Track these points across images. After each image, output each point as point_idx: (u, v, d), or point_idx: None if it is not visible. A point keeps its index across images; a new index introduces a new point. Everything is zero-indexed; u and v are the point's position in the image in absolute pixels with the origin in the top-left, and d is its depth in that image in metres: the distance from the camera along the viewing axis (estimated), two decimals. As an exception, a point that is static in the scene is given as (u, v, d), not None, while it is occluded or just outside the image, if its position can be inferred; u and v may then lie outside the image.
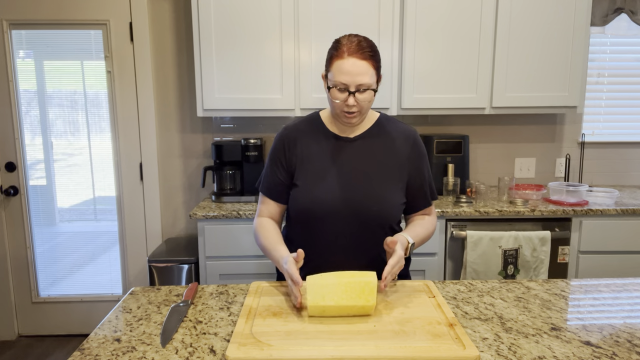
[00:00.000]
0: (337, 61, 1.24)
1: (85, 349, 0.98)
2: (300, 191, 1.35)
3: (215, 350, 0.97)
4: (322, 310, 1.06)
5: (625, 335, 1.03)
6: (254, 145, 2.48)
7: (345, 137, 1.37)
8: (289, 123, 1.44)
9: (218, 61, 2.40)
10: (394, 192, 1.34)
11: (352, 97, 1.24)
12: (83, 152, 2.77)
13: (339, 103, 1.27)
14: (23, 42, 2.65)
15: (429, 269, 2.32)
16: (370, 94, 1.26)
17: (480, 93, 2.47)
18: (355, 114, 1.29)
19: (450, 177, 2.54)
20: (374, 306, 1.07)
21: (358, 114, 1.29)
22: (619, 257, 2.35)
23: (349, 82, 1.23)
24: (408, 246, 1.27)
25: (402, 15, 2.41)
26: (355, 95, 1.24)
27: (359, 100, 1.25)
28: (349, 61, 1.22)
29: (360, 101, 1.25)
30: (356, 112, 1.28)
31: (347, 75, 1.22)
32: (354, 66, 1.22)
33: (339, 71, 1.23)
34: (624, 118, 2.94)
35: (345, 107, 1.27)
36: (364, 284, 1.06)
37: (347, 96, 1.25)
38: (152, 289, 1.30)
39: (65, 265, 2.87)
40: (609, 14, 2.71)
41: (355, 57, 1.22)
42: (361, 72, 1.22)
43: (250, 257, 2.32)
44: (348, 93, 1.24)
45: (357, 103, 1.26)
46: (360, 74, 1.22)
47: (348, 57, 1.22)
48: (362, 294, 1.05)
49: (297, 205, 1.35)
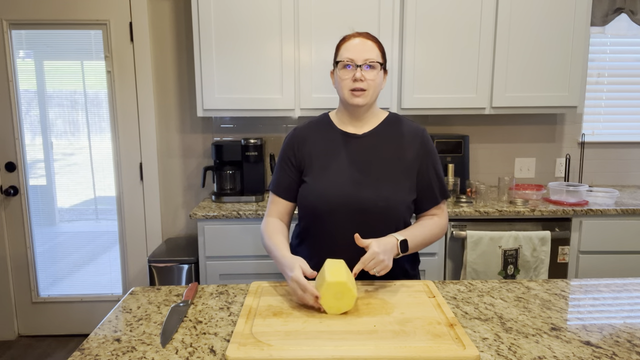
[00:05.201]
0: (344, 44, 1.34)
1: (85, 349, 0.98)
2: (308, 187, 1.36)
3: (215, 350, 0.97)
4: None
5: (625, 335, 1.03)
6: (254, 145, 2.48)
7: (353, 134, 1.38)
8: (299, 124, 1.48)
9: (218, 61, 2.40)
10: (401, 189, 1.34)
11: (359, 70, 1.29)
12: (83, 152, 2.77)
13: (347, 81, 1.31)
14: (23, 42, 2.65)
15: (429, 269, 2.32)
16: (377, 73, 1.32)
17: (480, 93, 2.47)
18: (363, 92, 1.31)
19: (450, 177, 2.54)
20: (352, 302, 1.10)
21: (365, 93, 1.32)
22: (619, 257, 2.35)
23: (355, 57, 1.30)
24: (397, 243, 1.24)
25: (402, 15, 2.41)
26: (363, 70, 1.30)
27: (366, 77, 1.30)
28: (355, 39, 1.33)
29: (367, 78, 1.30)
30: (364, 90, 1.31)
31: (353, 50, 1.31)
32: (361, 43, 1.32)
33: (346, 50, 1.33)
34: (624, 118, 2.94)
35: (353, 84, 1.31)
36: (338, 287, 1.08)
37: (355, 70, 1.30)
38: (152, 289, 1.30)
39: (65, 265, 2.87)
40: (609, 14, 2.71)
41: (360, 37, 1.33)
42: (367, 49, 1.31)
43: (250, 257, 2.32)
44: (355, 67, 1.30)
45: (365, 79, 1.30)
46: (366, 50, 1.31)
47: (353, 38, 1.33)
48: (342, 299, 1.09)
49: (305, 201, 1.36)
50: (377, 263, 1.18)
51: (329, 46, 2.39)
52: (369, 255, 1.17)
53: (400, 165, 1.35)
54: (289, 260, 1.21)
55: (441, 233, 1.42)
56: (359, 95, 1.31)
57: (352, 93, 1.31)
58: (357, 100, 1.32)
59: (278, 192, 1.42)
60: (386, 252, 1.20)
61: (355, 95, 1.31)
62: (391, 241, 1.24)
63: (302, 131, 1.43)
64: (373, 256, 1.17)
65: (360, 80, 1.29)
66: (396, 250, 1.24)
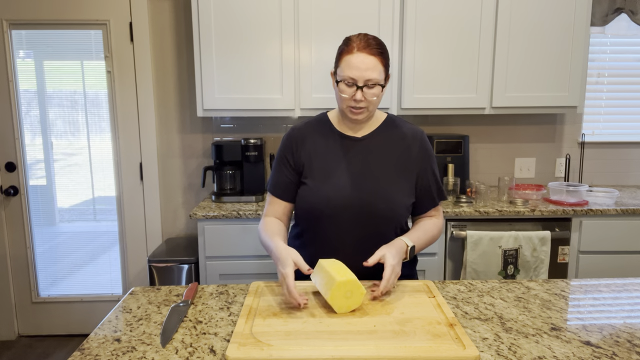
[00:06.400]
0: (347, 56, 1.27)
1: (85, 349, 0.98)
2: (308, 189, 1.35)
3: (215, 350, 0.97)
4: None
5: (625, 335, 1.03)
6: (254, 145, 2.48)
7: (352, 137, 1.38)
8: (297, 124, 1.45)
9: (218, 61, 2.40)
10: (400, 191, 1.34)
11: (359, 91, 1.26)
12: (83, 152, 2.77)
13: (347, 98, 1.29)
14: (23, 42, 2.65)
15: (429, 269, 2.32)
16: (378, 90, 1.28)
17: (480, 93, 2.47)
18: (362, 109, 1.30)
19: (450, 177, 2.54)
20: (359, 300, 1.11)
21: (365, 110, 1.30)
22: (619, 257, 2.35)
23: (357, 77, 1.25)
24: (407, 249, 1.27)
25: (402, 15, 2.41)
26: (363, 91, 1.26)
27: (367, 95, 1.27)
28: (358, 56, 1.25)
29: (368, 97, 1.27)
30: (363, 108, 1.29)
31: (355, 69, 1.25)
32: (363, 61, 1.24)
33: (348, 66, 1.26)
34: (624, 118, 2.94)
35: (353, 102, 1.28)
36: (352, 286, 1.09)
37: (355, 91, 1.26)
38: (152, 289, 1.30)
39: (65, 265, 2.87)
40: (609, 14, 2.71)
41: (364, 53, 1.25)
42: (369, 68, 1.25)
43: (250, 257, 2.32)
44: (356, 88, 1.26)
45: (365, 98, 1.27)
46: (369, 69, 1.24)
47: (357, 52, 1.25)
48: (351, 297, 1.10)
49: (304, 203, 1.36)
50: (397, 275, 1.19)
51: (329, 46, 2.40)
52: (390, 271, 1.17)
53: (400, 168, 1.35)
54: (283, 254, 1.18)
55: (439, 234, 1.44)
56: (358, 112, 1.30)
57: (352, 110, 1.30)
58: (356, 117, 1.31)
59: (276, 193, 1.41)
60: (400, 262, 1.22)
61: (355, 113, 1.30)
62: (402, 247, 1.26)
63: (301, 131, 1.41)
64: (392, 270, 1.18)
65: (360, 101, 1.27)
66: (405, 255, 1.27)
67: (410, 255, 1.28)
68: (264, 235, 1.35)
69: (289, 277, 1.12)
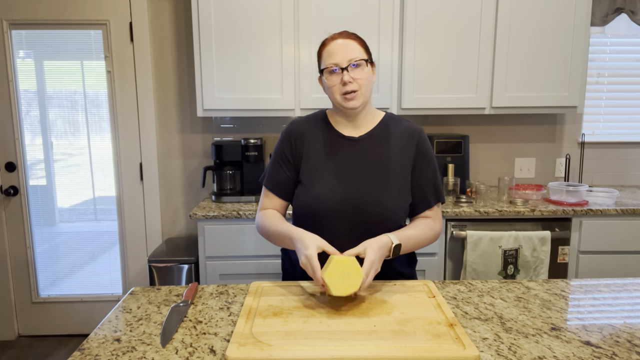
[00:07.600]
0: (324, 49, 1.31)
1: (85, 349, 0.98)
2: (304, 189, 1.34)
3: (215, 350, 0.97)
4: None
5: (625, 335, 1.03)
6: (254, 145, 2.48)
7: (350, 137, 1.36)
8: (296, 118, 1.44)
9: (218, 61, 2.40)
10: (398, 192, 1.33)
11: (346, 72, 1.26)
12: (83, 152, 2.77)
13: (336, 86, 1.29)
14: (23, 42, 2.65)
15: (429, 269, 2.32)
16: (364, 70, 1.28)
17: (480, 93, 2.47)
18: (354, 93, 1.28)
19: (450, 177, 2.54)
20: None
21: (358, 93, 1.29)
22: (619, 257, 2.35)
23: (339, 60, 1.27)
24: (391, 247, 1.21)
25: (402, 15, 2.41)
26: (349, 71, 1.27)
27: (354, 75, 1.27)
28: (334, 43, 1.29)
29: (355, 77, 1.27)
30: (356, 92, 1.28)
31: (335, 53, 1.28)
32: (341, 45, 1.28)
33: (328, 55, 1.29)
34: (624, 118, 2.94)
35: (343, 88, 1.28)
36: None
37: (342, 74, 1.27)
38: (152, 289, 1.30)
39: (65, 265, 2.87)
40: (609, 14, 2.71)
41: (339, 39, 1.30)
42: (349, 49, 1.28)
43: (250, 257, 2.32)
44: (341, 70, 1.27)
45: (353, 79, 1.27)
46: (349, 50, 1.28)
47: (332, 41, 1.30)
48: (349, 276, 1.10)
49: (300, 203, 1.35)
50: (376, 271, 1.15)
51: (329, 46, 2.39)
52: (369, 266, 1.13)
53: (398, 168, 1.34)
54: (306, 237, 1.17)
55: (434, 238, 1.37)
56: (351, 98, 1.28)
57: (345, 97, 1.29)
58: (351, 103, 1.29)
59: (273, 190, 1.40)
60: (381, 258, 1.18)
61: (348, 99, 1.29)
62: (386, 243, 1.20)
63: (300, 126, 1.40)
64: (372, 265, 1.14)
65: (349, 83, 1.26)
66: (388, 253, 1.21)
67: (395, 254, 1.22)
68: (270, 224, 1.32)
69: (313, 259, 1.11)
